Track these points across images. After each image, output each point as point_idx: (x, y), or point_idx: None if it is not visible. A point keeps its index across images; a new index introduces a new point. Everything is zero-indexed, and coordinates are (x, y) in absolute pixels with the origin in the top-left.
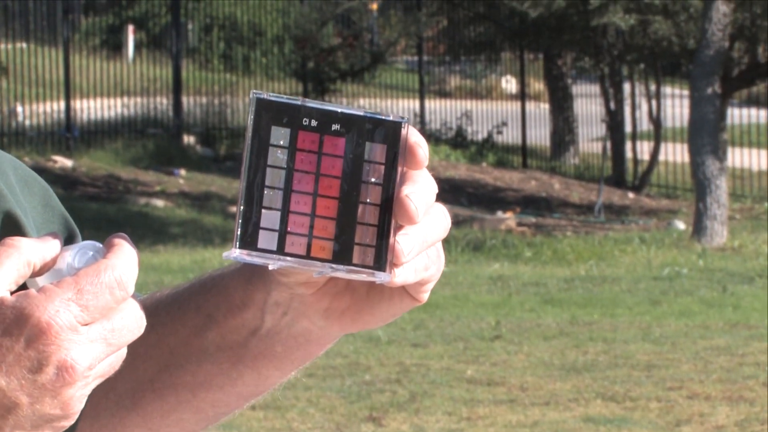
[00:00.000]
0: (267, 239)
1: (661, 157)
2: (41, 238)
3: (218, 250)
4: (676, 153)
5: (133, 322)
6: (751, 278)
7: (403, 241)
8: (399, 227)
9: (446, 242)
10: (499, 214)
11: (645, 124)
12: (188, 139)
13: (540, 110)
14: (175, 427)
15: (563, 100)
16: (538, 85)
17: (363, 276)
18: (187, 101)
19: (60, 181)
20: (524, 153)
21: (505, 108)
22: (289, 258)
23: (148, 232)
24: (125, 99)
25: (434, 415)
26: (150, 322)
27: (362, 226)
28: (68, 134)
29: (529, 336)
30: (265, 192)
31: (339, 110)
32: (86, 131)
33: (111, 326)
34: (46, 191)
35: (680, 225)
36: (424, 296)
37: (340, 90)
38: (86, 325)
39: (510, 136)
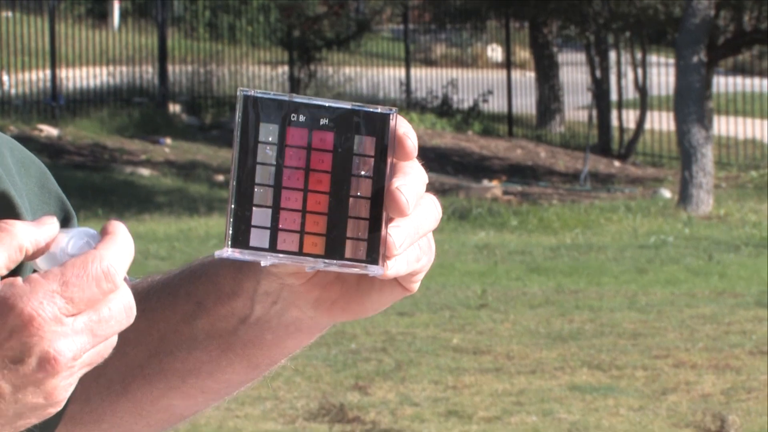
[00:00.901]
0: (259, 237)
1: (647, 126)
2: (36, 222)
3: (204, 218)
4: (661, 121)
5: (121, 313)
6: (737, 246)
7: (394, 233)
8: (390, 219)
9: None
10: (485, 182)
11: (631, 93)
12: (174, 108)
13: (526, 79)
14: (164, 412)
15: (549, 68)
16: (523, 54)
17: (356, 270)
18: (172, 70)
19: (45, 149)
20: (510, 121)
21: (490, 76)
22: (281, 255)
23: (133, 200)
24: (111, 68)
25: (420, 383)
26: (141, 307)
27: (353, 219)
28: (54, 103)
29: (515, 304)
30: (256, 189)
31: (327, 104)
32: (72, 100)
33: (98, 317)
34: (43, 173)
35: (666, 193)
36: (415, 286)
37: (326, 58)
38: (71, 316)
39: (496, 104)
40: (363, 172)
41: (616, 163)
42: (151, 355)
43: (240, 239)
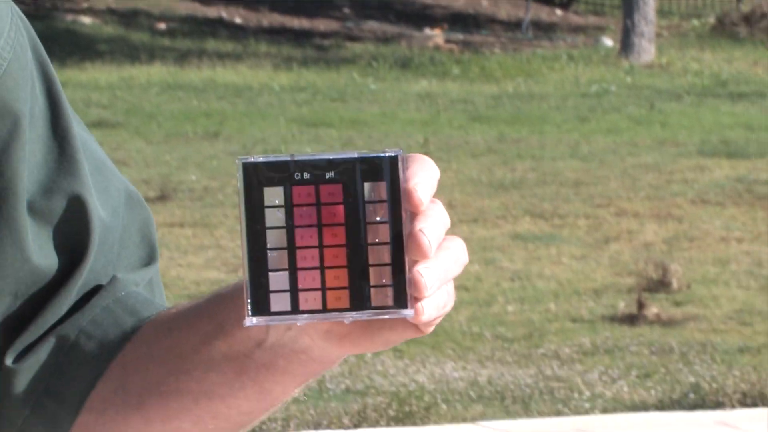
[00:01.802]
0: (279, 301)
1: None
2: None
3: (145, 66)
4: None
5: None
6: (678, 95)
7: (425, 273)
8: (414, 262)
9: (374, 59)
10: (427, 31)
11: None
12: None
13: None
14: None
15: None
16: None
17: (386, 317)
18: None
19: None
20: None
21: None
22: (305, 315)
23: (75, 49)
24: None
25: None
26: (168, 326)
27: (375, 267)
28: None
29: (457, 153)
30: (269, 255)
31: (331, 157)
32: None
33: None
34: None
35: (608, 42)
36: (430, 328)
37: None
38: None
39: None
40: (378, 218)
41: (558, 12)
42: (169, 373)
43: (260, 306)
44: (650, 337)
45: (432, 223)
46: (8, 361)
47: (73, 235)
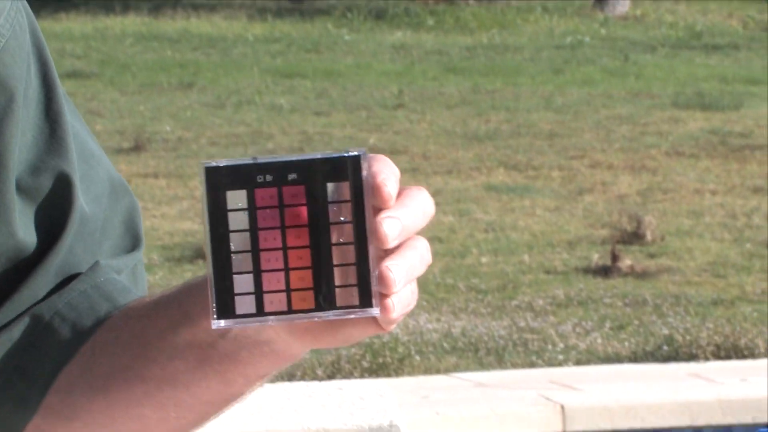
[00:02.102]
0: (244, 303)
1: None
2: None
3: (120, 17)
4: None
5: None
6: (653, 47)
7: (394, 269)
8: (380, 258)
9: (348, 10)
10: None
11: None
12: None
13: None
14: (135, 422)
15: None
16: None
17: (353, 316)
18: None
19: None
20: None
21: None
22: (271, 317)
23: None
24: None
25: None
26: (138, 313)
27: (340, 267)
28: None
29: (431, 104)
30: (233, 257)
31: (293, 159)
32: None
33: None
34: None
35: None
36: (392, 326)
37: None
38: None
39: None
40: (342, 218)
41: None
42: (135, 358)
43: (225, 309)
44: (624, 289)
45: (401, 213)
46: None
47: (54, 213)
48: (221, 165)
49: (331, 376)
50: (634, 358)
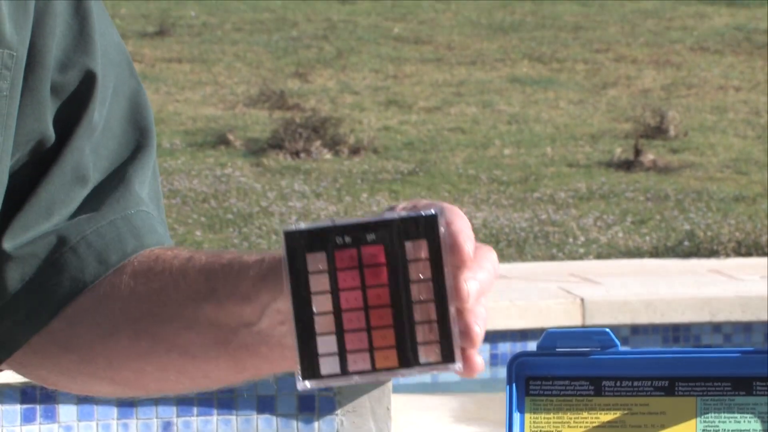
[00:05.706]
0: (329, 364)
1: None
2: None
3: None
4: None
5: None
6: None
7: (480, 324)
8: (461, 315)
9: None
10: None
11: None
12: None
13: None
14: (133, 373)
15: None
16: None
17: (436, 371)
18: None
19: None
20: None
21: None
22: (356, 377)
23: None
24: None
25: (361, 72)
26: (161, 267)
27: (422, 324)
28: None
29: None
30: (316, 319)
31: (371, 220)
32: None
33: None
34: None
35: None
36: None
37: None
38: None
39: None
40: (421, 276)
41: None
42: (149, 314)
43: (311, 371)
44: (646, 184)
45: (480, 276)
46: (6, 244)
47: (72, 110)
48: (301, 229)
49: None
50: (655, 252)
